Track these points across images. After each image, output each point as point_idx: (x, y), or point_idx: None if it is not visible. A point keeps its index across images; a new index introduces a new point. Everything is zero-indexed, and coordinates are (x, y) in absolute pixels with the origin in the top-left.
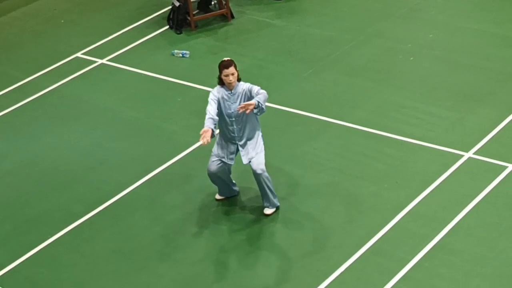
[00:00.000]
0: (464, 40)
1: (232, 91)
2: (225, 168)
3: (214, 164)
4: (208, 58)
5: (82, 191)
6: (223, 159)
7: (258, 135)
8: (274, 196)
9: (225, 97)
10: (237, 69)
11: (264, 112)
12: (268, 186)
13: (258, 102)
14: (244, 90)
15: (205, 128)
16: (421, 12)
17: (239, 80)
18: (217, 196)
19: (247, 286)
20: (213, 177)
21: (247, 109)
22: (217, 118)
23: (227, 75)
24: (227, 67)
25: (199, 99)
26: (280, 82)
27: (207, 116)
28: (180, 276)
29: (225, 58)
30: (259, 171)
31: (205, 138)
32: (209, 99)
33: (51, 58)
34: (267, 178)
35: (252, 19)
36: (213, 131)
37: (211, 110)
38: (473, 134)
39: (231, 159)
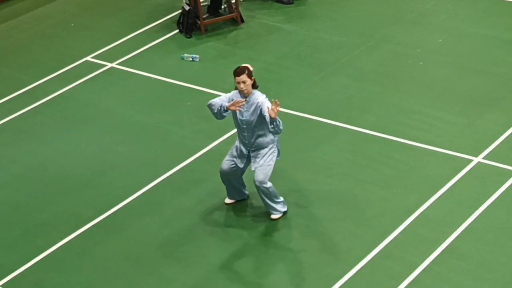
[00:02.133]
0: (474, 45)
1: (247, 98)
2: (237, 170)
3: (226, 163)
4: (218, 62)
5: (91, 195)
6: (235, 160)
7: (271, 148)
8: (276, 203)
9: None
10: (252, 77)
11: (278, 133)
12: (268, 197)
13: (278, 119)
14: (258, 102)
15: (227, 105)
16: (430, 17)
17: (255, 87)
18: (227, 200)
19: None
20: (223, 176)
21: (273, 112)
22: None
23: (238, 83)
24: (239, 75)
25: None
26: (290, 87)
27: (214, 103)
28: (190, 280)
29: (242, 65)
30: (256, 183)
31: (237, 105)
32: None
33: (61, 62)
34: (266, 190)
35: (262, 23)
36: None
37: (218, 100)
38: (482, 139)
39: (242, 162)
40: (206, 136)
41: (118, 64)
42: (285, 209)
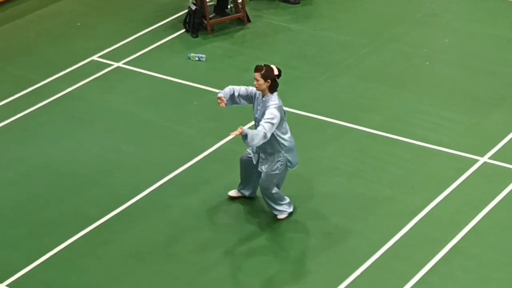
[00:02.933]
0: (480, 45)
1: (264, 98)
2: (252, 165)
3: (245, 153)
4: (224, 61)
5: (97, 194)
6: (251, 155)
7: (276, 157)
8: (280, 205)
9: (258, 100)
10: (268, 80)
11: (248, 144)
12: (272, 201)
13: (247, 134)
14: (268, 106)
15: (218, 95)
16: (437, 17)
17: (272, 90)
18: (231, 192)
19: None
20: (241, 164)
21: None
22: (232, 92)
23: (254, 78)
24: (254, 71)
25: (215, 103)
26: (296, 86)
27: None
28: (196, 280)
29: (268, 65)
30: (261, 188)
31: (221, 104)
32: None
33: (67, 61)
34: (270, 195)
35: (269, 23)
36: (225, 99)
37: (235, 87)
38: (488, 139)
39: (255, 159)
40: (213, 136)
41: (124, 63)
42: (290, 210)
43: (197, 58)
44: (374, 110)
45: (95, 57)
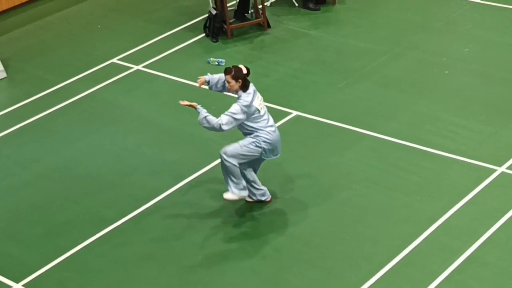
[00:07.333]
0: (500, 54)
1: (237, 95)
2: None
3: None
4: None
5: (114, 196)
6: None
7: (251, 139)
8: (231, 182)
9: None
10: (240, 80)
11: (200, 123)
12: (224, 171)
13: (199, 113)
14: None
15: (204, 77)
16: (457, 26)
17: (244, 89)
18: (247, 198)
19: None
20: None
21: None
22: (215, 78)
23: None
24: (224, 74)
25: None
26: (315, 93)
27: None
28: (212, 283)
29: (236, 66)
30: (222, 152)
31: (199, 84)
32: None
33: (87, 63)
34: (224, 162)
35: (288, 29)
36: (208, 82)
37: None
38: (506, 149)
39: None
40: (230, 140)
41: (144, 66)
42: (242, 194)
43: (216, 63)
44: (392, 118)
45: (114, 60)
